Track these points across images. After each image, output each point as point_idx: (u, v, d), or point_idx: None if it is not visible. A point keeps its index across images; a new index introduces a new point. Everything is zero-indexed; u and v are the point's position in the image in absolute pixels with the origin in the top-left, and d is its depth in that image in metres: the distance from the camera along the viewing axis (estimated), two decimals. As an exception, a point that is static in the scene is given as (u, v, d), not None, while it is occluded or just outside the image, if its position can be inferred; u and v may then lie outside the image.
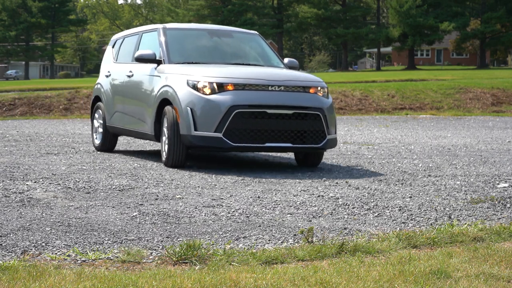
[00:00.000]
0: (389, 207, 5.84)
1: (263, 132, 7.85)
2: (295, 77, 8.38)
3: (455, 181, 7.35)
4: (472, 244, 4.48)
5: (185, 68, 8.35)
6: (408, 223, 5.24)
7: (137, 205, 5.68)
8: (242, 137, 7.79)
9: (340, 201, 6.05)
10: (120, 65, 9.97)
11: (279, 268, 3.85)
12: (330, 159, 9.49)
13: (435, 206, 5.87)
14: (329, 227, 5.04)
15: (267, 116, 7.85)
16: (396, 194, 6.50)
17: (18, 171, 7.63)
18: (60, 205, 5.65)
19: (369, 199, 6.18)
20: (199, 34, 9.52)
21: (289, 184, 7.07)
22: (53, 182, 6.81)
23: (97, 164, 8.40)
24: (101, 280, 3.50)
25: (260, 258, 4.01)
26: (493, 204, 6.02)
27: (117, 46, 10.45)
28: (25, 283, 3.42)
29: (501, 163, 8.98)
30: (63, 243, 4.35)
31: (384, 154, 10.15)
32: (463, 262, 3.97)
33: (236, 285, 3.47)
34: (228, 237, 4.63)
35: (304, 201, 6.04)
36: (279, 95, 7.97)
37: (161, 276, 3.60)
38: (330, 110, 8.26)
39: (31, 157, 9.11)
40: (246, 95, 7.88)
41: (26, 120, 18.95)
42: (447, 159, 9.47)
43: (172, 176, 7.49)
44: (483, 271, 3.74)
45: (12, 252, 4.12)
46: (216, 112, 7.73)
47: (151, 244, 4.41)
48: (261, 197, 6.20)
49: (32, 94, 23.05)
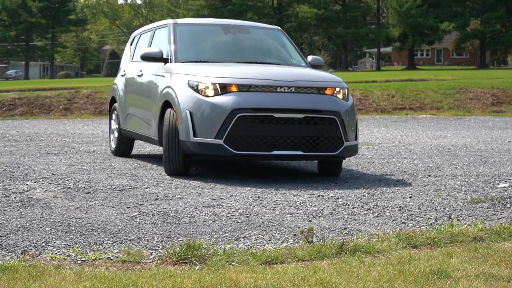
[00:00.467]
0: (389, 207, 5.84)
1: (269, 139, 7.04)
2: (310, 76, 7.56)
3: (455, 181, 7.35)
4: (472, 244, 4.48)
5: (188, 67, 7.64)
6: (408, 223, 5.24)
7: (137, 205, 5.68)
8: (246, 144, 7.01)
9: (340, 201, 6.06)
10: (134, 64, 9.31)
11: (279, 268, 3.85)
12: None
13: (435, 206, 5.87)
14: (329, 227, 5.04)
15: (275, 120, 7.04)
16: (396, 194, 6.50)
17: (18, 171, 7.63)
18: (60, 205, 5.65)
19: (369, 199, 6.18)
20: (212, 29, 8.79)
21: (289, 184, 7.07)
22: (53, 182, 6.81)
23: (97, 164, 8.40)
24: (101, 280, 3.50)
25: (260, 258, 4.01)
26: (493, 204, 6.02)
27: (134, 44, 9.75)
28: (25, 283, 3.42)
29: (501, 163, 8.98)
30: (63, 243, 4.35)
31: (384, 154, 10.15)
32: (463, 262, 3.97)
33: (236, 285, 3.47)
34: (228, 237, 4.63)
35: (304, 201, 6.04)
36: (289, 97, 7.16)
37: (161, 276, 3.60)
38: (349, 113, 7.39)
39: (31, 157, 9.11)
40: (250, 97, 7.09)
41: (26, 120, 18.94)
42: (447, 159, 9.47)
43: (172, 176, 7.49)
44: (483, 271, 3.74)
45: (12, 252, 4.12)
46: (216, 116, 6.99)
47: (151, 244, 4.41)
48: (261, 197, 6.20)
49: (32, 94, 23.05)
